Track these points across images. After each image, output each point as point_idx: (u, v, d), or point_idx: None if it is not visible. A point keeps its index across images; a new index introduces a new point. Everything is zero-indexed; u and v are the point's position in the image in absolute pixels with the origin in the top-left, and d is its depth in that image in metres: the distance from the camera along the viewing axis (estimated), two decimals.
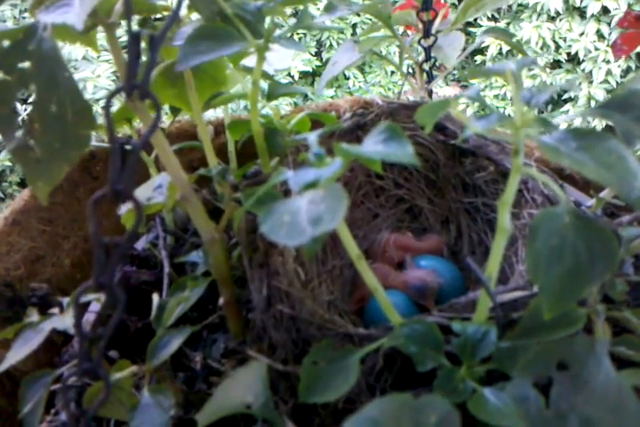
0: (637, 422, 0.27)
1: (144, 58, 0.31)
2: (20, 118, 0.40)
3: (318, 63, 3.58)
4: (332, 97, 3.48)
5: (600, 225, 0.30)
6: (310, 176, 0.33)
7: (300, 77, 3.53)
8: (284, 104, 3.08)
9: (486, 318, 0.41)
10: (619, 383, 0.28)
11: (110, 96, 0.26)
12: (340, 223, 0.28)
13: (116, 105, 0.72)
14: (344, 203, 0.28)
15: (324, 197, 0.29)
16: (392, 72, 3.62)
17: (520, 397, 0.29)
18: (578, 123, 2.81)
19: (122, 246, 0.28)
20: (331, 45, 3.61)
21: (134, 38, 0.25)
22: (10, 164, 2.92)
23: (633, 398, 0.28)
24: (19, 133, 0.40)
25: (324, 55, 3.61)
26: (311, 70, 3.54)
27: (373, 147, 0.32)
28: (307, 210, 0.29)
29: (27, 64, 0.39)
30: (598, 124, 2.98)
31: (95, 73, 2.93)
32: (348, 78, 3.59)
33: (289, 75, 3.45)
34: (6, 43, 0.39)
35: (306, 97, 3.26)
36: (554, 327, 0.35)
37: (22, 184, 3.02)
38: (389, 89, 3.58)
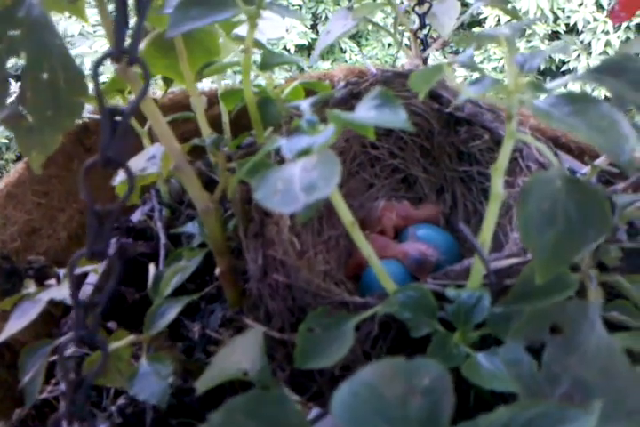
0: (628, 383, 0.28)
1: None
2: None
3: (314, 36, 3.53)
4: (328, 70, 3.44)
5: (592, 189, 0.30)
6: (303, 143, 0.33)
7: (295, 51, 3.49)
8: (280, 78, 3.05)
9: (480, 284, 0.41)
10: (610, 346, 0.28)
11: (98, 62, 0.26)
12: (333, 190, 0.28)
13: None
14: (337, 169, 0.28)
15: (316, 164, 0.29)
16: (389, 45, 3.58)
17: (512, 360, 0.29)
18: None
19: (115, 214, 0.28)
20: (326, 18, 3.57)
21: (121, 1, 0.25)
22: (6, 141, 2.89)
23: (624, 359, 0.28)
24: (10, 102, 0.40)
25: (320, 28, 3.57)
26: (307, 43, 3.50)
27: (366, 113, 0.32)
28: (300, 177, 0.29)
29: (17, 32, 0.38)
30: (598, 93, 2.96)
31: (92, 48, 2.90)
32: (344, 51, 3.55)
33: (285, 48, 3.42)
34: None
35: (302, 70, 3.23)
36: (547, 292, 0.36)
37: (19, 161, 2.99)
38: (386, 62, 3.54)
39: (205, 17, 0.41)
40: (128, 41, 0.29)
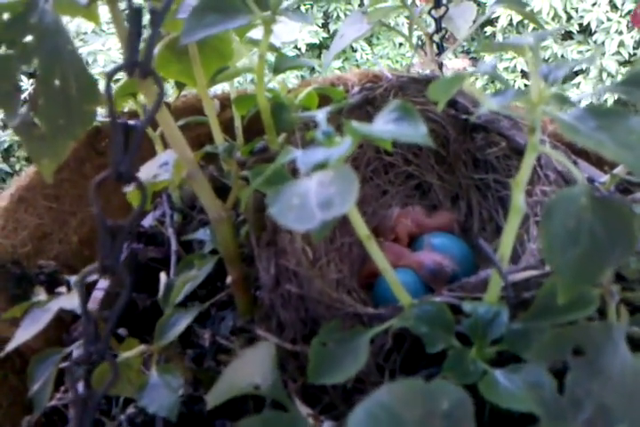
0: None
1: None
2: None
3: (325, 35, 3.52)
4: (339, 69, 3.43)
5: (618, 206, 0.29)
6: (319, 156, 0.32)
7: (306, 50, 3.48)
8: (291, 77, 3.04)
9: (498, 297, 0.40)
10: (635, 369, 0.27)
11: (111, 75, 0.25)
12: (351, 207, 0.27)
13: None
14: (355, 186, 0.27)
15: (333, 180, 0.28)
16: (400, 44, 3.56)
17: (534, 382, 0.28)
18: (589, 94, 2.76)
19: (126, 229, 0.28)
20: (338, 17, 3.55)
21: (135, 13, 0.24)
22: (17, 139, 2.91)
23: None
24: (22, 110, 0.39)
25: (331, 27, 3.56)
26: (318, 42, 3.49)
27: (385, 126, 0.31)
28: (316, 193, 0.28)
29: (29, 38, 0.38)
30: (610, 97, 2.93)
31: (105, 46, 2.90)
32: (355, 50, 3.53)
33: (296, 47, 3.41)
34: (7, 16, 0.38)
35: (313, 70, 3.22)
36: (567, 309, 0.35)
37: (30, 159, 3.00)
38: (397, 61, 3.53)
39: (220, 24, 0.40)
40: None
